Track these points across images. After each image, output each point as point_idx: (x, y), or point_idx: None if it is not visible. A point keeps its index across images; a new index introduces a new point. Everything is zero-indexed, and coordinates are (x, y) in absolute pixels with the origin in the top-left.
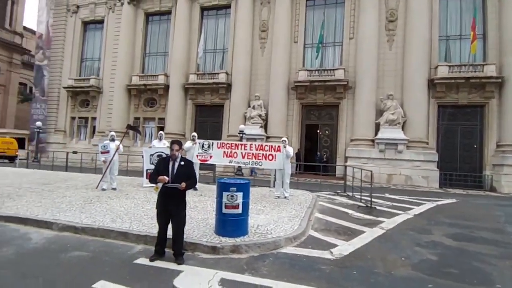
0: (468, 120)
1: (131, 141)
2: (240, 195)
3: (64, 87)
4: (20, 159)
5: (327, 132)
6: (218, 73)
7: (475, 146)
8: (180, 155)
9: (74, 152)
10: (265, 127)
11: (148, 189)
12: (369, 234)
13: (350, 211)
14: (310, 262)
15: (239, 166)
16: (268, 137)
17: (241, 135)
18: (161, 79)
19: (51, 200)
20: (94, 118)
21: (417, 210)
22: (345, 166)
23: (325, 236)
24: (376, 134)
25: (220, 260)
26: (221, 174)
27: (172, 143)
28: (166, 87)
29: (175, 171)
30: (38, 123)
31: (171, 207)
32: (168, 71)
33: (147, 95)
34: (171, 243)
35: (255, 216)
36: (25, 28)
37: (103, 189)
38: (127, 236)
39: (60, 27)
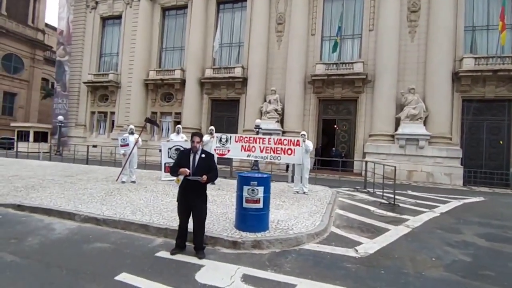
0: (494, 115)
1: (148, 135)
2: (261, 189)
3: (84, 82)
4: (43, 152)
5: (344, 127)
6: (234, 67)
7: (501, 142)
8: (201, 148)
9: (94, 146)
10: (281, 121)
11: (166, 182)
12: (395, 232)
13: (372, 208)
14: (334, 259)
15: (255, 161)
16: (284, 132)
17: (257, 129)
18: (177, 74)
19: (73, 191)
20: (112, 113)
21: (443, 208)
22: (366, 162)
23: (348, 233)
24: (396, 129)
25: (242, 255)
26: (237, 169)
27: (193, 135)
28: (183, 82)
29: (196, 163)
30: (60, 118)
31: (192, 200)
32: (185, 65)
33: (164, 90)
34: (191, 237)
35: (275, 211)
36: (46, 25)
37: (123, 182)
38: (147, 228)
39: (80, 23)
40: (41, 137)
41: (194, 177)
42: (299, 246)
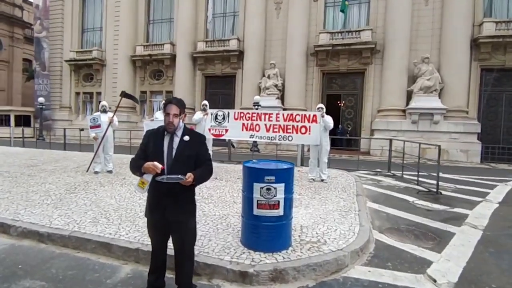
0: None
1: (138, 116)
2: (280, 187)
3: (66, 60)
4: (14, 138)
5: (350, 102)
6: (228, 40)
7: None
8: (183, 126)
9: (81, 130)
10: (281, 98)
11: None
12: (464, 238)
13: (409, 198)
14: None
15: (255, 141)
16: (285, 109)
17: (256, 107)
18: (167, 48)
19: (24, 188)
20: (99, 93)
21: (495, 195)
22: (390, 140)
23: (400, 242)
24: (407, 103)
25: None
26: (234, 151)
27: (167, 103)
28: (173, 57)
29: (173, 152)
30: (41, 99)
31: (170, 215)
32: (174, 39)
33: (152, 67)
34: (171, 261)
35: (293, 210)
36: (24, 0)
37: (96, 172)
38: (110, 249)
39: None
40: (23, 121)
41: (170, 176)
42: (342, 273)
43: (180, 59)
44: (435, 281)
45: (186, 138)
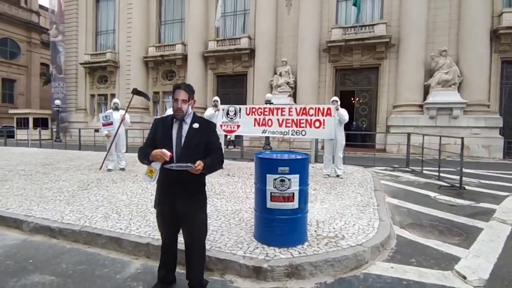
0: None
1: (151, 117)
2: (295, 179)
3: (81, 63)
4: (32, 140)
5: (364, 99)
6: (239, 38)
7: None
8: (192, 112)
9: (96, 131)
10: (293, 95)
11: None
12: (492, 233)
13: (431, 193)
14: None
15: (267, 139)
16: None
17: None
18: (178, 49)
19: (38, 186)
20: (113, 95)
21: None
22: (408, 134)
23: (423, 238)
24: (425, 98)
25: None
26: (247, 149)
27: (176, 88)
28: (185, 57)
29: (182, 139)
30: (57, 102)
31: (179, 205)
32: (186, 39)
33: (165, 67)
34: (182, 256)
35: (309, 205)
36: (41, 6)
37: (109, 170)
38: (120, 243)
39: None
40: (41, 123)
41: (179, 164)
42: (362, 269)
43: (192, 59)
44: (464, 277)
45: (196, 125)
